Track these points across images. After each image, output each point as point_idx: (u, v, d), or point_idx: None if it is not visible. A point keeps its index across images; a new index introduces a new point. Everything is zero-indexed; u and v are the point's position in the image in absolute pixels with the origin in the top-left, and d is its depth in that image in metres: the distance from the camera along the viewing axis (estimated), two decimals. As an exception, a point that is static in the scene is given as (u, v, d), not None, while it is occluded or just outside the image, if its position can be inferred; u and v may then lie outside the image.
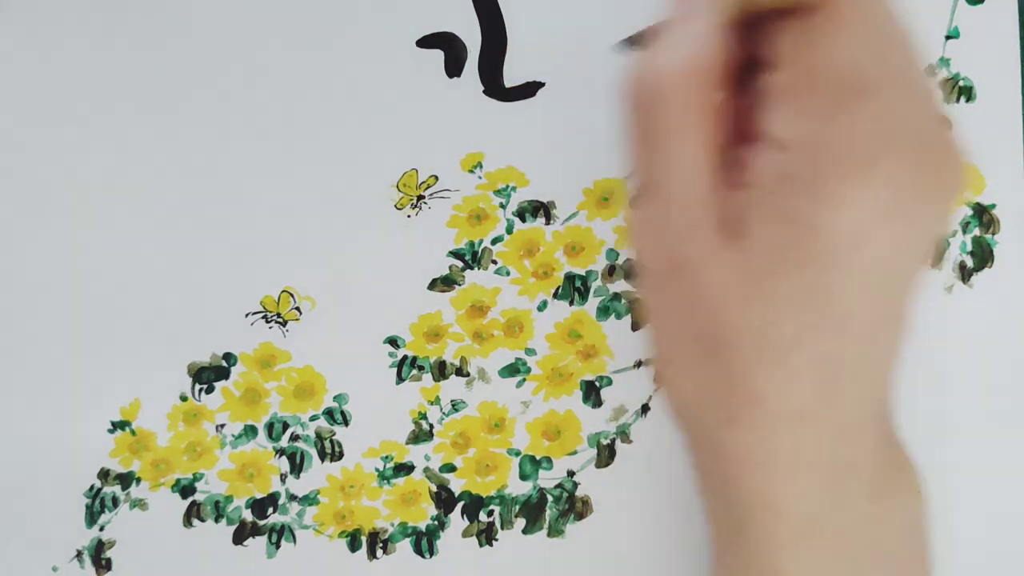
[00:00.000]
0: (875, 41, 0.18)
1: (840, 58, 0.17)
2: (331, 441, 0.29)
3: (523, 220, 0.29)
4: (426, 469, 0.29)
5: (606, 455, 0.29)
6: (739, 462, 0.20)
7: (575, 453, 0.29)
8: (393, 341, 0.29)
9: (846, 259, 0.18)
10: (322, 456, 0.29)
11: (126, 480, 0.29)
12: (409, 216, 0.29)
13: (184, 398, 0.29)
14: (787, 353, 0.18)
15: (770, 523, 0.20)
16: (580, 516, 0.29)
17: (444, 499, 0.29)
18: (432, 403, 0.29)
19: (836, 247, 0.17)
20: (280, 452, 0.29)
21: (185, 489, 0.29)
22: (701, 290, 0.19)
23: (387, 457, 0.29)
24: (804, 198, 0.17)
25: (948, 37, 0.28)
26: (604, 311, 0.29)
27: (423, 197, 0.29)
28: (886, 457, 0.21)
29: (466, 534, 0.29)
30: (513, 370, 0.29)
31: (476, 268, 0.29)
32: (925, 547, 0.22)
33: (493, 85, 0.29)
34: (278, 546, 0.29)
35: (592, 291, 0.29)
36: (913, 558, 0.22)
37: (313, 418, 0.29)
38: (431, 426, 0.29)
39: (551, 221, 0.29)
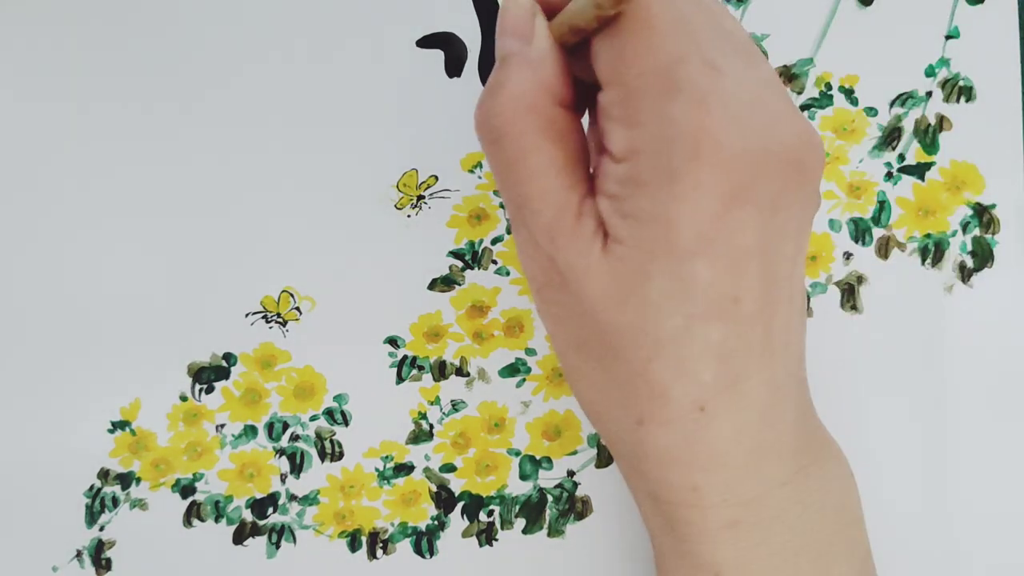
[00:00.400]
0: (677, 40, 0.18)
1: (647, 62, 0.18)
2: (331, 441, 0.29)
3: (523, 220, 0.29)
4: (426, 469, 0.29)
5: (606, 455, 0.29)
6: (657, 461, 0.20)
7: (575, 453, 0.29)
8: (393, 341, 0.29)
9: (704, 247, 0.18)
10: (322, 456, 0.29)
11: (126, 480, 0.29)
12: (409, 216, 0.29)
13: (184, 398, 0.29)
14: (679, 345, 0.19)
15: (698, 517, 0.20)
16: (580, 516, 0.29)
17: (444, 499, 0.29)
18: (432, 403, 0.29)
19: (690, 237, 0.18)
20: (280, 452, 0.29)
21: (185, 489, 0.29)
22: (583, 298, 0.19)
23: (387, 457, 0.29)
24: (649, 199, 0.18)
25: (948, 37, 0.29)
26: (604, 311, 0.29)
27: (423, 197, 0.29)
28: (807, 438, 0.21)
29: (466, 534, 0.29)
30: (513, 370, 0.29)
31: (476, 268, 0.29)
32: (857, 527, 0.22)
33: (493, 85, 0.29)
34: (278, 546, 0.29)
35: (592, 291, 0.29)
36: (845, 538, 0.22)
37: (313, 418, 0.29)
38: (431, 426, 0.29)
39: (551, 221, 0.29)
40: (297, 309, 0.29)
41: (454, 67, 0.29)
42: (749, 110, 0.18)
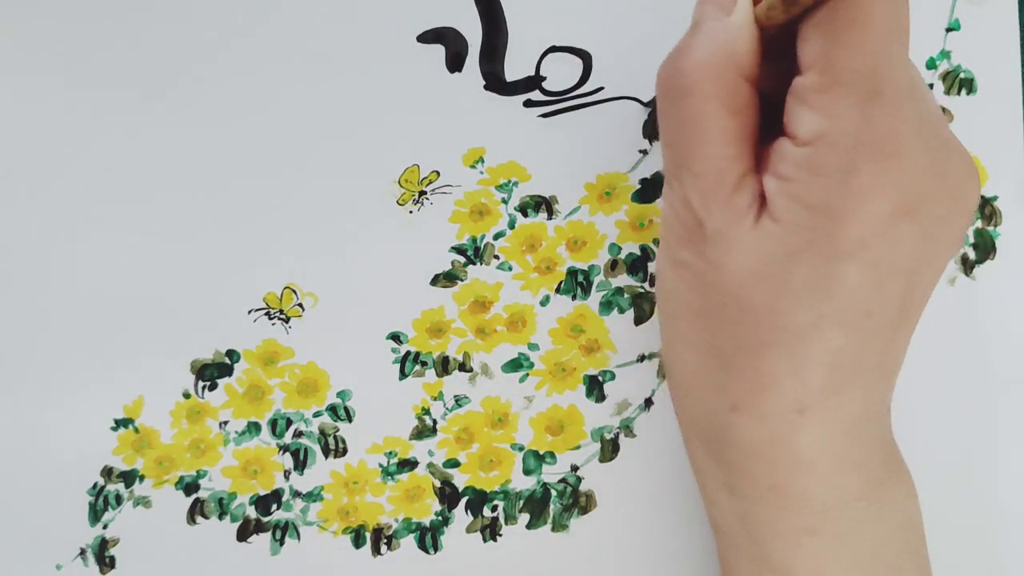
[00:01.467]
0: (890, 45, 0.18)
1: (858, 59, 0.18)
2: (335, 437, 0.29)
3: (525, 215, 0.29)
4: (430, 465, 0.29)
5: (610, 449, 0.29)
6: (742, 452, 0.20)
7: (579, 448, 0.29)
8: (396, 337, 0.29)
9: (861, 251, 0.18)
10: (326, 452, 0.29)
11: (129, 478, 0.29)
12: (411, 212, 0.29)
13: (187, 395, 0.29)
14: (799, 341, 0.18)
15: (775, 518, 0.20)
16: (584, 511, 0.29)
17: (448, 494, 0.29)
18: (435, 399, 0.29)
19: (851, 237, 0.18)
20: (284, 449, 0.29)
21: (189, 486, 0.29)
22: (721, 266, 0.19)
23: (391, 453, 0.29)
24: (822, 189, 0.18)
25: (949, 29, 0.29)
26: (607, 306, 0.29)
27: (425, 193, 0.29)
28: (884, 457, 0.21)
29: (470, 529, 0.29)
30: (516, 365, 0.29)
31: (478, 263, 0.29)
32: (923, 545, 0.22)
33: (494, 80, 0.29)
34: (282, 543, 0.29)
35: (594, 286, 0.29)
36: (913, 556, 0.22)
37: (316, 414, 0.29)
38: (434, 422, 0.29)
39: (553, 216, 0.29)
40: (300, 306, 0.29)
41: (455, 62, 0.29)
42: (934, 131, 0.19)
